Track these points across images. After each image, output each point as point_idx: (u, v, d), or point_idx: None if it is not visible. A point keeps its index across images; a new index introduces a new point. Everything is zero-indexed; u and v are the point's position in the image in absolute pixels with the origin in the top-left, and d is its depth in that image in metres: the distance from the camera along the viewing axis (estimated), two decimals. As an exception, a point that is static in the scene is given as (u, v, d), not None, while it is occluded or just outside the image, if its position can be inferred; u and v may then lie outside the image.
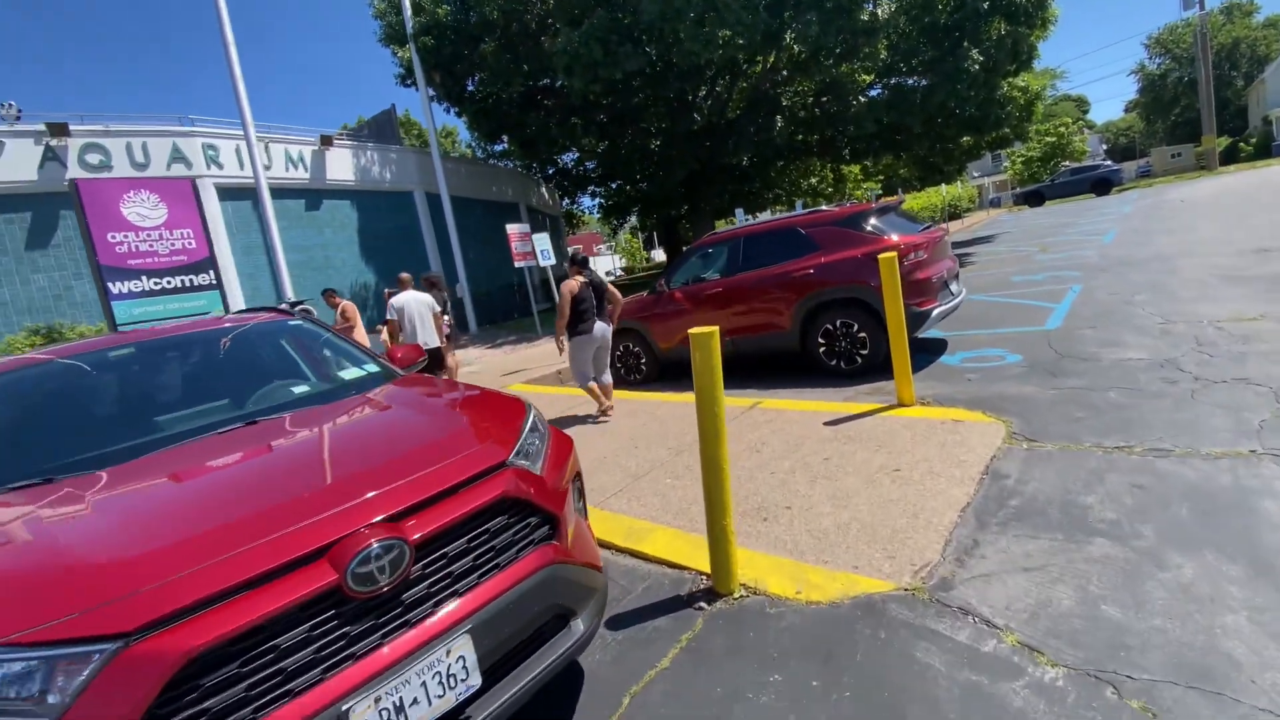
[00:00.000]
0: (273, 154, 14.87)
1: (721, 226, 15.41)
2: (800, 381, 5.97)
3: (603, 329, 5.62)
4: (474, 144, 34.36)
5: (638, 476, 4.01)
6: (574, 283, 5.50)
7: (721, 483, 2.52)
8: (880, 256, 4.35)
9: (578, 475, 2.30)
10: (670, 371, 7.50)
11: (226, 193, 14.10)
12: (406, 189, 17.64)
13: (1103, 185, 29.59)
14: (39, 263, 12.07)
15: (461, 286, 16.02)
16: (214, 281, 5.84)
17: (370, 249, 16.77)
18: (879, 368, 5.36)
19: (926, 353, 6.14)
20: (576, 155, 25.43)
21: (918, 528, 2.79)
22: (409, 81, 17.42)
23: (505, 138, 23.86)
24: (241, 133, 14.62)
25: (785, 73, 17.24)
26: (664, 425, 5.04)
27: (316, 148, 15.60)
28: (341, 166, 16.17)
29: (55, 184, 12.09)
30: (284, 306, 3.37)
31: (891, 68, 16.74)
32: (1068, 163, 39.44)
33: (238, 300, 14.14)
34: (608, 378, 5.86)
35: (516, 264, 8.84)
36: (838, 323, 5.85)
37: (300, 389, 2.69)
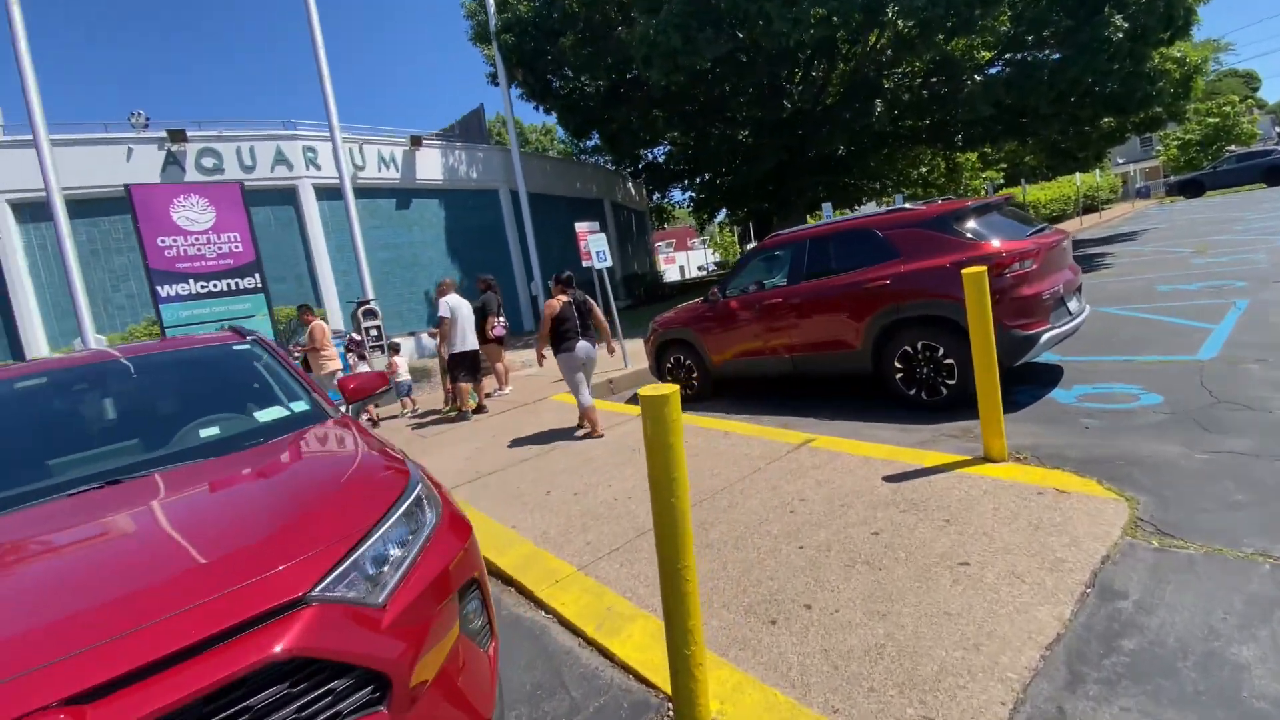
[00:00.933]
0: (366, 155, 15.49)
1: (813, 223, 14.23)
2: (870, 411, 5.07)
3: (585, 348, 5.56)
4: (567, 140, 34.92)
5: (643, 532, 3.39)
6: (555, 302, 5.54)
7: (685, 603, 1.86)
8: (965, 271, 3.42)
9: (473, 583, 1.73)
10: (725, 389, 6.78)
11: (323, 192, 14.85)
12: (492, 187, 17.88)
13: (1276, 174, 24.83)
14: (162, 259, 13.22)
15: (536, 284, 15.96)
16: (259, 285, 5.85)
17: (456, 246, 17.15)
18: (969, 401, 4.37)
19: (1033, 383, 5.02)
20: (667, 149, 24.90)
21: (977, 670, 1.98)
22: (498, 81, 17.64)
23: (595, 134, 23.86)
24: (344, 136, 15.46)
25: (890, 53, 15.66)
26: (696, 462, 4.38)
27: (407, 148, 16.10)
28: (430, 166, 16.61)
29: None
30: (238, 328, 3.04)
31: (1016, 41, 14.69)
32: (1233, 147, 33.68)
33: (331, 297, 14.90)
34: (586, 399, 5.61)
35: (584, 264, 8.47)
36: (919, 345, 4.88)
37: (207, 432, 2.32)
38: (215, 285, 5.72)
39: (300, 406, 2.49)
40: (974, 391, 3.57)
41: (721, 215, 39.88)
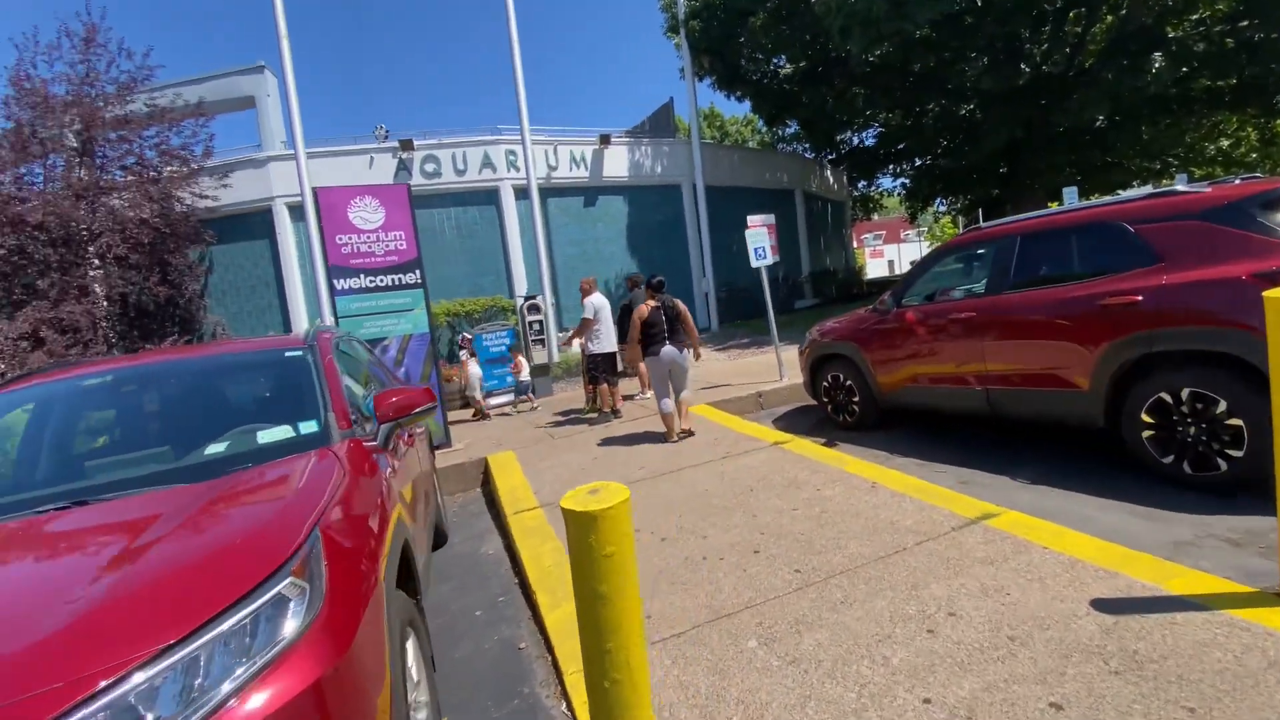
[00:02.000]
0: (560, 155, 16.27)
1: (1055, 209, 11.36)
2: (1095, 480, 3.63)
3: (671, 353, 5.59)
4: (766, 130, 33.63)
5: (718, 616, 2.64)
6: (644, 307, 5.65)
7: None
8: (1266, 295, 2.06)
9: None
10: (894, 420, 5.56)
11: (521, 192, 15.94)
12: (675, 181, 17.70)
13: None
14: (392, 253, 15.29)
15: (707, 281, 15.40)
16: (419, 280, 6.19)
17: (637, 242, 17.32)
18: (1262, 487, 2.79)
19: None
20: (879, 131, 22.44)
21: None
22: (695, 74, 17.32)
23: (791, 121, 22.44)
24: (538, 138, 16.48)
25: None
26: (823, 523, 3.45)
27: (596, 146, 16.58)
28: (617, 163, 16.93)
29: (405, 190, 15.21)
30: (300, 335, 2.94)
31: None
32: None
33: (523, 290, 15.97)
34: (687, 392, 5.81)
35: (754, 264, 7.68)
36: (1184, 393, 3.33)
37: (213, 450, 2.17)
38: (381, 280, 6.11)
39: (308, 428, 2.24)
40: (1273, 474, 2.18)
41: (940, 204, 35.33)
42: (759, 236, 7.42)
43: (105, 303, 11.75)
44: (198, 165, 12.69)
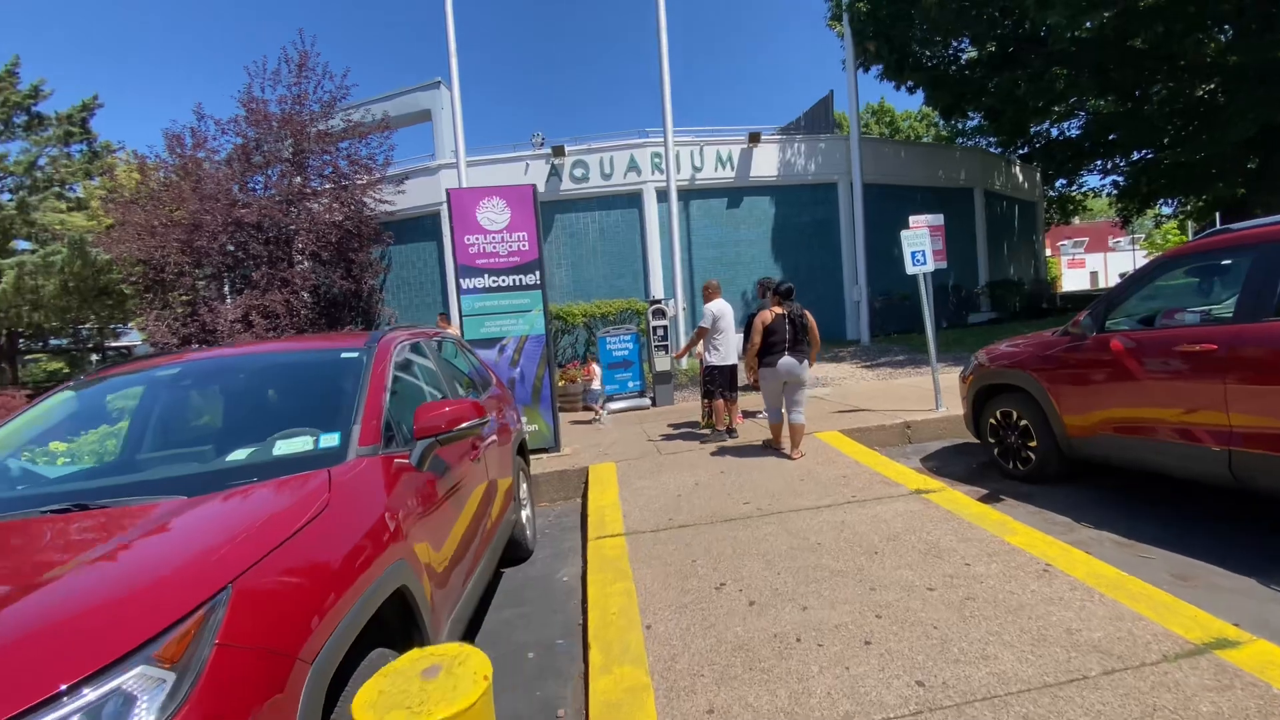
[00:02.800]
0: (705, 156, 15.86)
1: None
2: None
3: (789, 364, 5.25)
4: (943, 125, 30.38)
5: (802, 729, 2.00)
6: (768, 313, 5.37)
7: None
8: None
9: None
10: (1083, 475, 4.36)
11: (663, 194, 15.79)
12: (830, 180, 16.43)
13: None
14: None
15: (860, 288, 14.01)
16: (538, 281, 6.11)
17: (783, 245, 16.37)
18: None
19: None
20: (1085, 120, 19.04)
21: None
22: (859, 65, 15.95)
23: (971, 111, 19.86)
24: (683, 139, 16.19)
25: None
26: (965, 617, 2.62)
27: (745, 145, 15.92)
28: (766, 162, 16.12)
29: (554, 193, 15.75)
30: (371, 333, 2.77)
31: None
32: None
33: (659, 293, 15.78)
34: (799, 416, 5.35)
35: (909, 270, 6.53)
36: None
37: (236, 456, 2.01)
38: (503, 280, 6.12)
39: (328, 442, 2.01)
40: None
41: (1163, 205, 29.47)
42: (918, 238, 6.35)
43: (304, 294, 13.51)
44: (380, 174, 14.14)
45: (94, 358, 16.23)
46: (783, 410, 5.48)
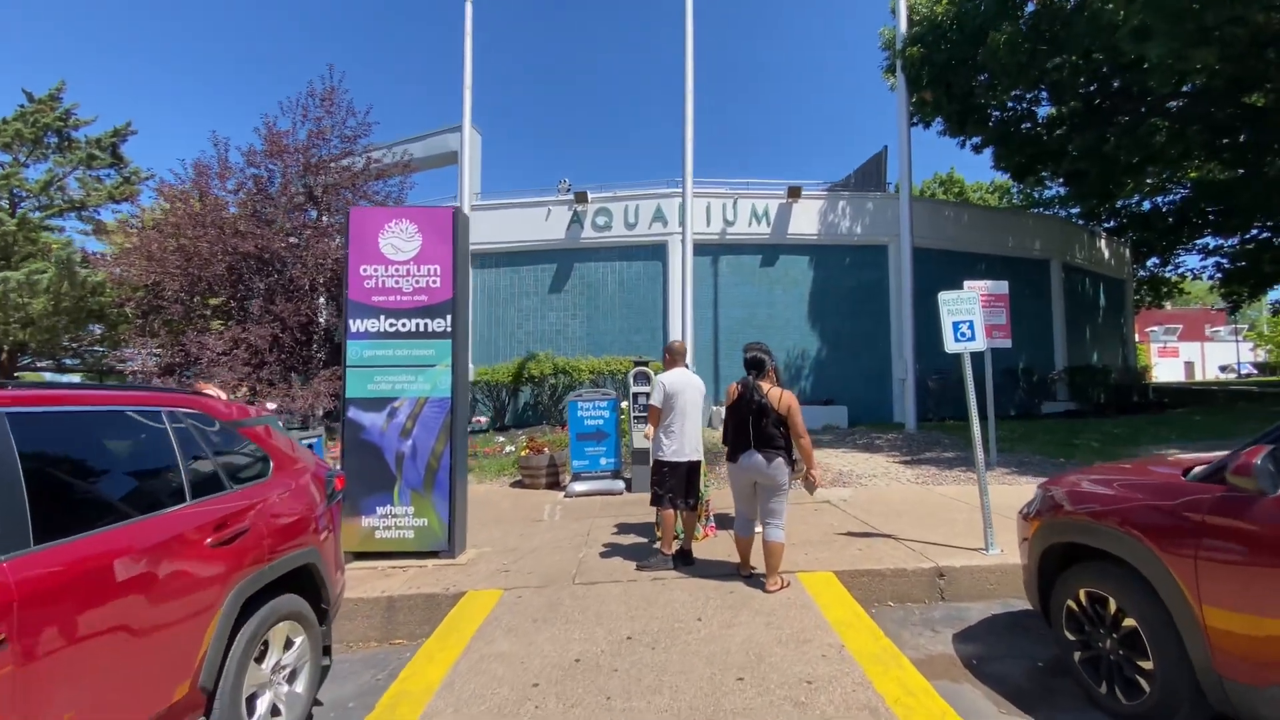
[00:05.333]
0: (739, 209, 14.55)
1: None
2: None
3: (755, 465, 3.88)
4: (1018, 193, 28.24)
5: None
6: (734, 388, 4.08)
7: None
8: None
9: None
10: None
11: (693, 247, 14.45)
12: (880, 242, 14.70)
13: None
14: (553, 303, 14.85)
15: (906, 363, 12.01)
16: (448, 329, 4.70)
17: (821, 308, 14.61)
18: None
19: None
20: (1186, 188, 16.66)
21: None
22: (915, 119, 14.46)
23: (1051, 176, 17.88)
24: (714, 190, 14.95)
25: None
26: None
27: (784, 201, 14.52)
28: (807, 220, 14.62)
29: (574, 241, 14.71)
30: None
31: None
32: None
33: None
34: (775, 532, 3.91)
35: (949, 347, 4.71)
36: None
37: None
38: (404, 324, 4.77)
39: None
40: None
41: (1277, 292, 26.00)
42: (962, 305, 4.57)
43: (295, 331, 12.71)
44: (390, 211, 13.46)
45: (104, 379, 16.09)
46: (756, 521, 4.11)
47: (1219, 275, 20.89)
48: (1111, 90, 11.71)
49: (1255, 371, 50.99)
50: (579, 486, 7.31)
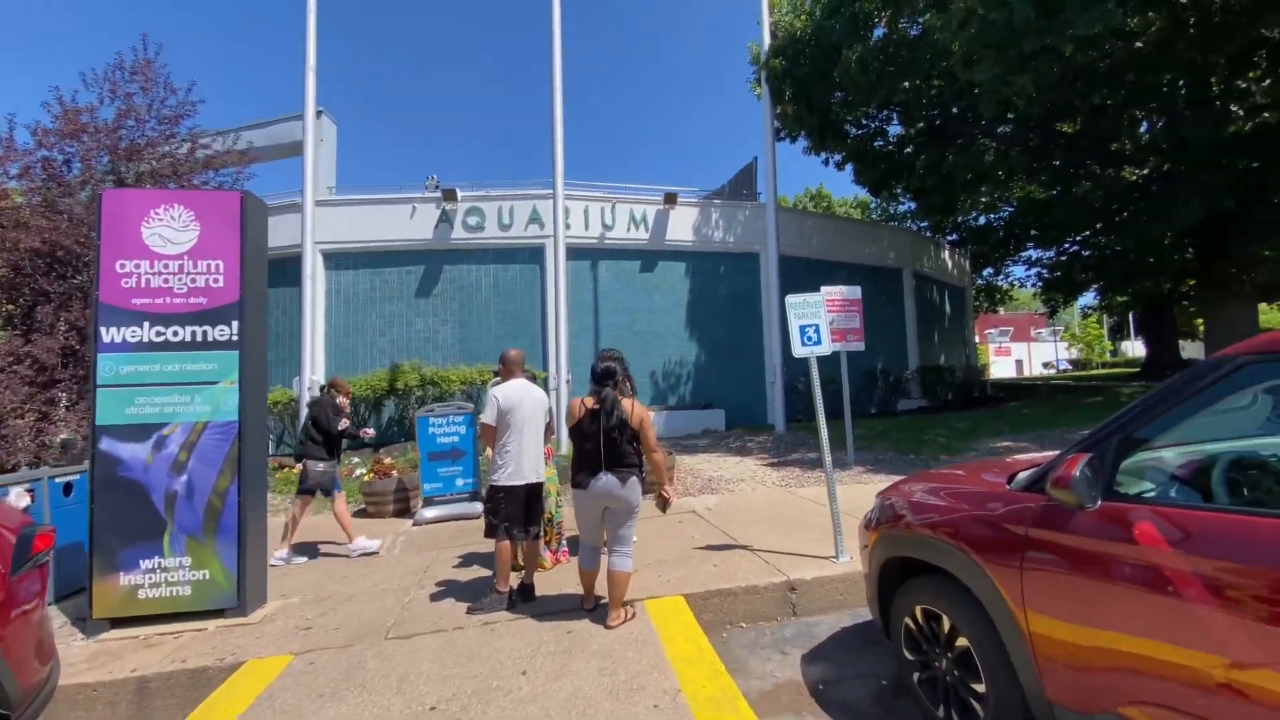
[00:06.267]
0: (618, 214, 14.31)
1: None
2: None
3: (605, 487, 3.43)
4: (878, 208, 30.57)
5: None
6: (576, 404, 3.61)
7: None
8: None
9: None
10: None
11: (570, 251, 13.99)
12: (751, 250, 15.09)
13: None
14: (420, 308, 13.75)
15: (774, 369, 12.33)
16: (234, 338, 3.82)
17: (700, 314, 14.71)
18: None
19: None
20: (1012, 205, 18.70)
21: None
22: (781, 133, 15.00)
23: (903, 191, 19.37)
24: (592, 194, 14.64)
25: None
26: None
27: (661, 207, 14.48)
28: (683, 226, 14.69)
29: (442, 242, 13.73)
30: None
31: None
32: None
33: (560, 359, 13.70)
34: (621, 561, 3.49)
35: (796, 352, 4.70)
36: None
37: None
38: (176, 333, 3.86)
39: None
40: None
41: (1090, 297, 30.00)
42: (807, 309, 4.48)
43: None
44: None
45: None
46: (601, 549, 3.68)
47: (1039, 284, 23.76)
48: (950, 114, 12.78)
49: (1070, 367, 59.16)
50: (429, 513, 6.58)
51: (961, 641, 2.43)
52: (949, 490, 2.77)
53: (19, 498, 4.18)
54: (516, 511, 3.88)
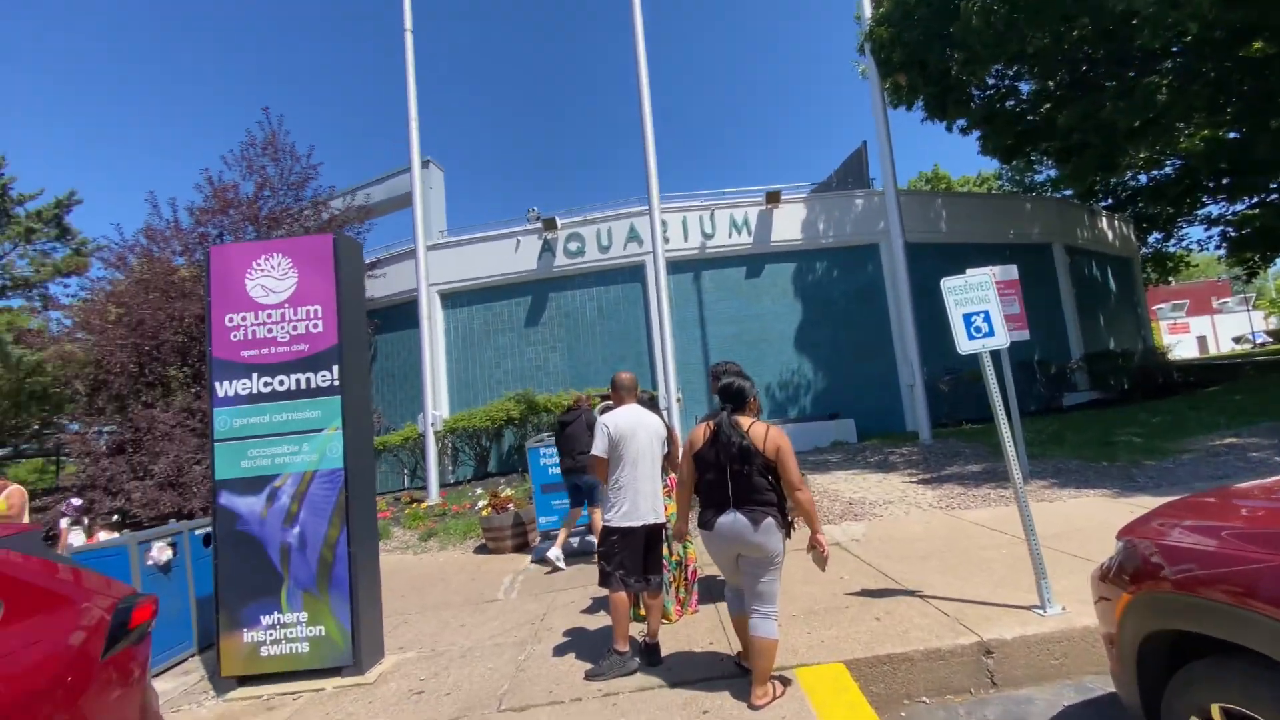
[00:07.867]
0: (717, 221, 13.72)
1: None
2: None
3: (732, 528, 2.86)
4: (1009, 182, 27.53)
5: None
6: (699, 430, 3.05)
7: None
8: None
9: None
10: None
11: (670, 265, 13.59)
12: (869, 241, 13.81)
13: None
14: (530, 337, 13.94)
15: (911, 367, 10.99)
16: (335, 382, 3.71)
17: (815, 318, 13.64)
18: None
19: None
20: (1181, 161, 15.83)
21: None
22: (894, 104, 13.66)
23: (1040, 156, 17.09)
24: (689, 204, 14.14)
25: None
26: None
27: (763, 207, 13.69)
28: (788, 225, 13.76)
29: (546, 271, 13.87)
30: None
31: None
32: None
33: (670, 377, 13.26)
34: (764, 625, 2.83)
35: (963, 348, 3.81)
36: None
37: None
38: (282, 382, 3.83)
39: None
40: None
41: (1287, 259, 24.98)
42: (973, 294, 3.61)
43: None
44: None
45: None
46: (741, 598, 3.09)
47: (1224, 245, 19.88)
48: (1097, 58, 10.92)
49: (1270, 339, 49.53)
50: (553, 551, 6.28)
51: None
52: (1248, 531, 1.87)
53: (161, 551, 4.33)
54: (633, 558, 3.36)
